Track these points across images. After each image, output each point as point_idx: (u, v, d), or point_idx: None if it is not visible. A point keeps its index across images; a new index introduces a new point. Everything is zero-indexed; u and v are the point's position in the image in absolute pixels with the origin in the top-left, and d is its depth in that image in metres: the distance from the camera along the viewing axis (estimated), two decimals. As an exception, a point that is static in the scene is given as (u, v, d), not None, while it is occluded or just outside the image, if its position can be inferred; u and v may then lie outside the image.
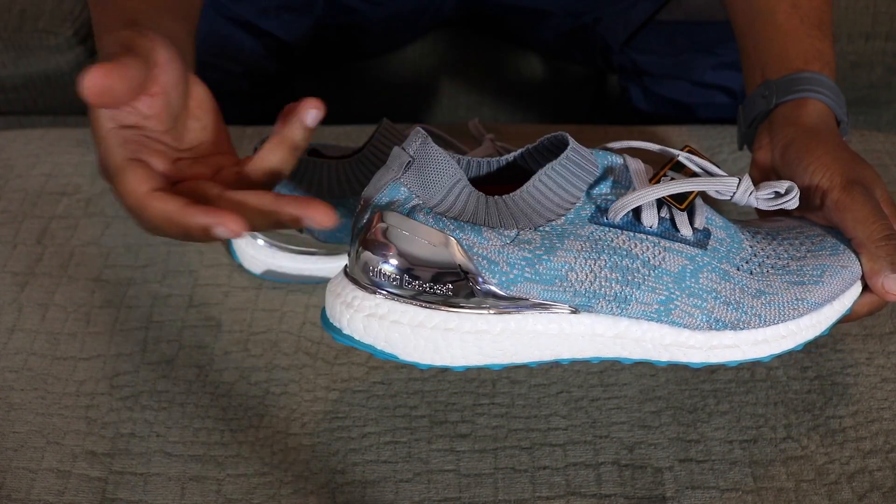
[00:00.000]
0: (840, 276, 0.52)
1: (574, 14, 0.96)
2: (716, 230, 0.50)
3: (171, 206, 0.45)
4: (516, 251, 0.46)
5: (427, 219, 0.46)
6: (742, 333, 0.50)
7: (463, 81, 1.11)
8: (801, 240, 0.53)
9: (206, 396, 0.57)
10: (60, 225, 0.69)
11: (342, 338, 0.48)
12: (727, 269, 0.49)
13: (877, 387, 0.56)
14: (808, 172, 0.54)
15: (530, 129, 0.80)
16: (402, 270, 0.46)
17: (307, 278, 0.63)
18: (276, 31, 0.93)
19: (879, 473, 0.52)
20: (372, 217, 0.47)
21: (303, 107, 0.50)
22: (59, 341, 0.60)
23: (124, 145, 0.47)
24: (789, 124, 0.58)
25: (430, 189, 0.46)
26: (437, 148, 0.46)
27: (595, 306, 0.48)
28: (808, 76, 0.59)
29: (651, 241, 0.48)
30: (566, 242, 0.47)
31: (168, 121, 0.50)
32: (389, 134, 0.61)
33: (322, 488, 0.52)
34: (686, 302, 0.48)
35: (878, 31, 1.07)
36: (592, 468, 0.52)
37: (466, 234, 0.46)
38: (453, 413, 0.56)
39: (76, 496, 0.52)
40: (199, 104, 0.52)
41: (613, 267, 0.47)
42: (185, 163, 0.51)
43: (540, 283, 0.46)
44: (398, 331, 0.47)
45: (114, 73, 0.44)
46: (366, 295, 0.48)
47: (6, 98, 1.14)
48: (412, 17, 1.00)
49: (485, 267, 0.46)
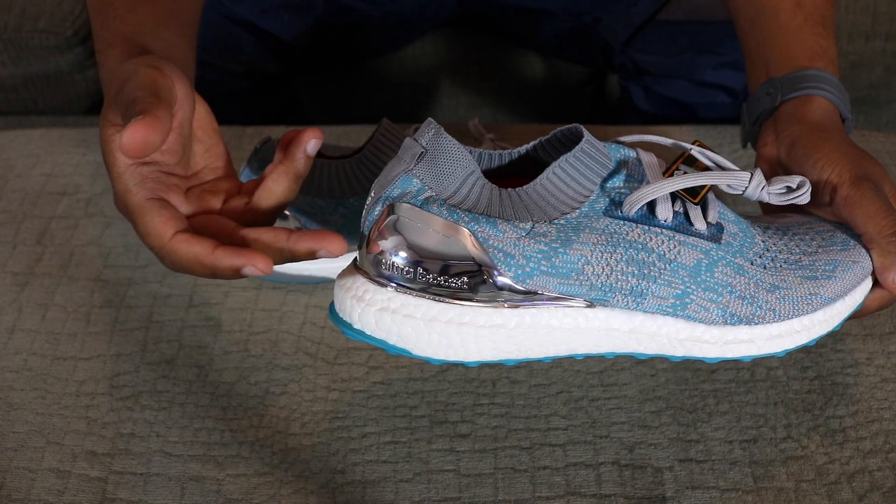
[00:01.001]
0: (851, 272, 0.51)
1: (574, 14, 0.96)
2: (728, 224, 0.50)
3: (200, 249, 0.47)
4: (532, 244, 0.46)
5: (441, 210, 0.45)
6: (757, 328, 0.50)
7: (463, 81, 1.11)
8: (812, 235, 0.53)
9: (206, 396, 0.57)
10: (60, 225, 0.69)
11: (353, 332, 0.48)
12: (741, 264, 0.49)
13: (877, 387, 0.56)
14: (817, 169, 0.54)
15: (530, 129, 0.80)
16: (415, 263, 0.46)
17: (307, 278, 0.63)
18: (277, 30, 0.93)
19: (879, 473, 0.52)
20: (383, 209, 0.46)
21: (304, 137, 0.52)
22: (59, 341, 0.61)
23: (143, 184, 0.49)
24: (795, 121, 0.58)
25: (443, 180, 0.45)
26: (451, 138, 0.45)
27: (611, 300, 0.47)
28: (813, 73, 0.59)
29: (666, 235, 0.47)
30: (582, 235, 0.46)
31: (180, 151, 0.51)
32: (389, 134, 0.61)
33: (322, 488, 0.52)
34: (702, 296, 0.48)
35: (878, 31, 1.07)
36: (592, 468, 0.52)
37: (482, 227, 0.45)
38: (453, 413, 0.56)
39: (76, 496, 0.52)
40: (201, 125, 0.53)
41: (629, 260, 0.47)
42: (195, 193, 0.52)
43: (556, 276, 0.46)
44: (411, 325, 0.47)
45: (153, 128, 0.45)
46: (377, 288, 0.47)
47: (6, 98, 1.14)
48: (412, 17, 1.00)
49: (501, 260, 0.45)
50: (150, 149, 0.45)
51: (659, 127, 0.78)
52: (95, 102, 1.17)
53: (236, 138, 0.77)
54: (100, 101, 1.17)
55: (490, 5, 0.99)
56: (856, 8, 1.06)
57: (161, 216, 0.48)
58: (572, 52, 1.03)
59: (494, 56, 1.09)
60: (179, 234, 0.47)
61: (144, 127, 0.45)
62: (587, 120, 1.11)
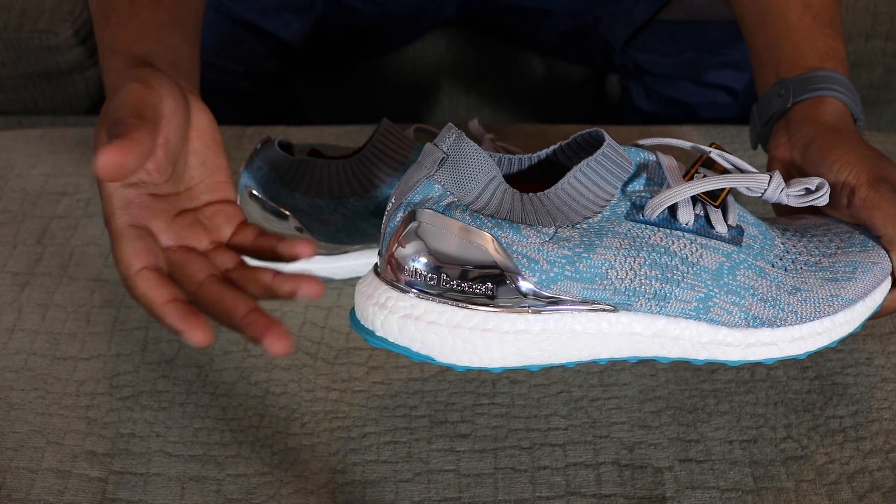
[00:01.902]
0: (871, 273, 0.51)
1: (575, 14, 0.96)
2: (748, 227, 0.50)
3: (153, 296, 0.46)
4: (556, 249, 0.45)
5: (464, 216, 0.45)
6: (779, 331, 0.50)
7: (463, 81, 1.11)
8: (830, 237, 0.53)
9: (206, 396, 0.57)
10: (60, 225, 0.69)
11: (376, 340, 0.47)
12: (763, 266, 0.49)
13: (877, 387, 0.56)
14: (833, 170, 0.54)
15: (530, 129, 0.80)
16: (437, 269, 0.46)
17: (307, 278, 0.63)
18: (277, 30, 0.93)
19: (879, 473, 0.52)
20: (405, 215, 0.46)
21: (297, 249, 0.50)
22: (59, 341, 0.60)
23: (126, 208, 0.48)
24: (808, 122, 0.58)
25: (465, 186, 0.45)
26: (473, 144, 0.45)
27: (634, 304, 0.47)
28: (825, 74, 0.59)
29: (688, 239, 0.47)
30: (605, 240, 0.46)
31: (168, 169, 0.49)
32: (389, 134, 0.61)
33: (322, 488, 0.52)
34: (724, 299, 0.48)
35: (878, 31, 1.07)
36: (592, 468, 0.52)
37: (505, 232, 0.45)
38: (453, 413, 0.56)
39: (76, 496, 0.52)
40: (200, 135, 0.51)
41: (653, 264, 0.47)
42: (184, 221, 0.50)
43: (580, 281, 0.46)
44: (435, 332, 0.46)
45: (127, 151, 0.44)
46: (399, 295, 0.47)
47: (6, 98, 1.14)
48: (412, 17, 1.00)
49: (525, 265, 0.45)
50: (125, 172, 0.44)
51: (660, 127, 0.78)
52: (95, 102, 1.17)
53: (236, 138, 0.77)
54: (100, 101, 1.17)
55: (490, 5, 0.99)
56: (856, 8, 1.06)
57: (133, 247, 0.47)
58: (572, 52, 1.03)
59: (494, 56, 1.09)
60: (144, 271, 0.46)
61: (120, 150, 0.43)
62: (587, 120, 1.11)
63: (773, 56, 0.63)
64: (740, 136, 0.76)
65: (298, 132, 0.79)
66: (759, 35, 0.65)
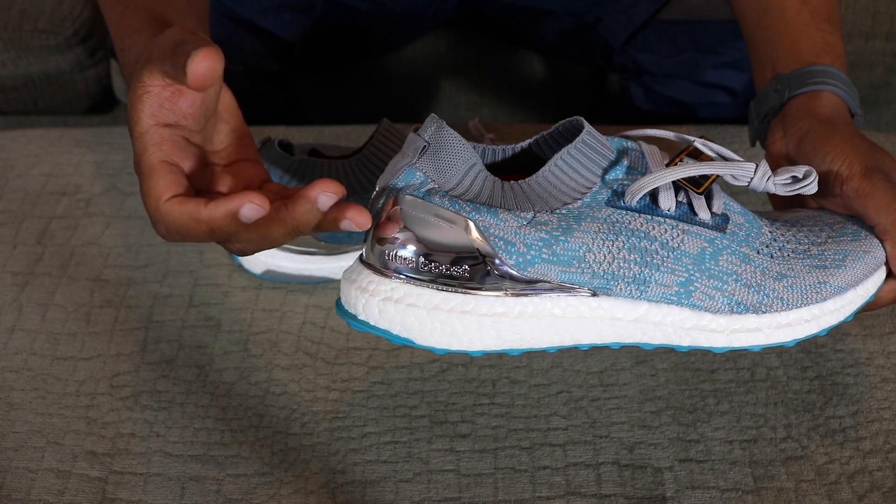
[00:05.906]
0: (863, 261, 0.51)
1: (575, 13, 0.96)
2: (734, 216, 0.49)
3: (192, 206, 0.45)
4: (533, 232, 0.46)
5: (443, 201, 0.46)
6: (765, 317, 0.50)
7: (463, 81, 1.11)
8: (821, 227, 0.52)
9: (206, 396, 0.57)
10: (60, 225, 0.69)
11: (357, 323, 0.48)
12: (747, 253, 0.49)
13: (877, 387, 0.56)
14: (827, 161, 0.54)
15: (530, 129, 0.80)
16: (419, 254, 0.46)
17: (307, 278, 0.63)
18: (277, 30, 0.93)
19: (879, 473, 0.52)
20: (387, 201, 0.47)
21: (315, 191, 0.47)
22: (59, 341, 0.61)
23: (161, 145, 0.48)
24: (803, 116, 0.58)
25: (445, 173, 0.46)
26: (453, 132, 0.46)
27: (614, 289, 0.48)
28: (821, 69, 0.59)
29: (669, 224, 0.47)
30: (583, 224, 0.46)
31: (202, 120, 0.50)
32: (389, 134, 0.61)
33: (322, 488, 0.52)
34: (706, 284, 0.48)
35: (878, 31, 1.07)
36: (592, 468, 0.52)
37: (482, 216, 0.46)
38: (453, 413, 0.56)
39: (76, 496, 0.52)
40: (227, 108, 0.52)
41: (632, 248, 0.47)
42: (216, 168, 0.50)
43: (557, 264, 0.46)
44: (414, 314, 0.47)
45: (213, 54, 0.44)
46: (381, 279, 0.47)
47: (6, 98, 1.14)
48: (412, 17, 1.00)
49: (501, 248, 0.46)
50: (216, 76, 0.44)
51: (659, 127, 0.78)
52: (95, 102, 1.17)
53: (236, 138, 0.77)
54: (100, 101, 1.18)
55: (490, 5, 0.99)
56: (856, 8, 1.06)
57: (165, 179, 0.46)
58: (572, 52, 1.03)
59: (494, 56, 1.09)
60: (175, 197, 0.46)
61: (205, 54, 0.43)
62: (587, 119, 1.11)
63: (771, 52, 0.63)
64: (740, 136, 0.76)
65: (298, 132, 0.79)
66: (757, 32, 0.65)
